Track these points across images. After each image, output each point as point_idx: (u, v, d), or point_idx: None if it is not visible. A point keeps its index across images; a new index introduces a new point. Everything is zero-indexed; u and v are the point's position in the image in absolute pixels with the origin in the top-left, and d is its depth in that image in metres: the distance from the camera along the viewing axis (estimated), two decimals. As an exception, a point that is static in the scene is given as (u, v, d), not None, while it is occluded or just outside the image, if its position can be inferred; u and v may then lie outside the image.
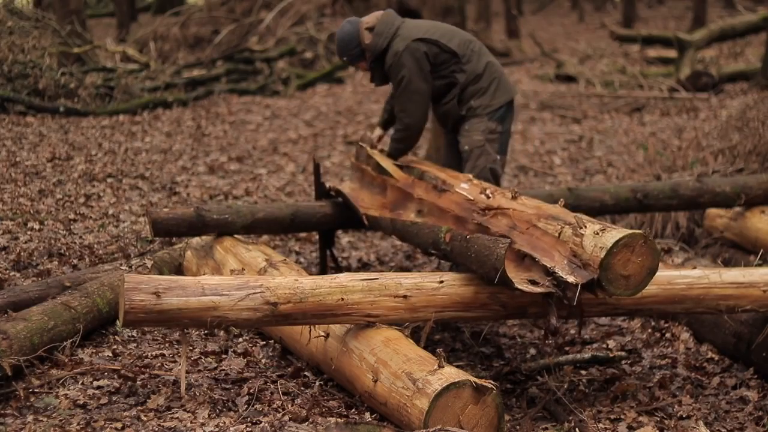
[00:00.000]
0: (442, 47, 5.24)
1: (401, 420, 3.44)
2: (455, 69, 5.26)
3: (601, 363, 4.55)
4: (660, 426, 3.80)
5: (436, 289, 3.87)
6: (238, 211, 5.22)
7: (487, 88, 5.27)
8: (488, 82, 5.28)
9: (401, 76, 5.21)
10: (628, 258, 3.62)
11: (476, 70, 5.27)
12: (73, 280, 4.95)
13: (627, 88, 12.21)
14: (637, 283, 3.66)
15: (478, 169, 5.17)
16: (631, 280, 3.64)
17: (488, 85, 5.28)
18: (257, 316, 3.75)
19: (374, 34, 5.30)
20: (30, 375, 4.00)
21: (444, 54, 5.24)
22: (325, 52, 15.16)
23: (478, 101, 5.27)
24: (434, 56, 5.23)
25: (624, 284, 3.64)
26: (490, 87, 5.28)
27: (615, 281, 3.62)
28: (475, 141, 5.24)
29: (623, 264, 3.62)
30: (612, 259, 3.59)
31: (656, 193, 5.57)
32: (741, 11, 17.31)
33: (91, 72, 12.22)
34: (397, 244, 6.59)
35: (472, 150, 5.24)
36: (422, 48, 5.21)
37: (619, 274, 3.62)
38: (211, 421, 3.64)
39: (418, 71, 5.20)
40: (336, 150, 9.55)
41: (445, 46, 5.24)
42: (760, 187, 5.62)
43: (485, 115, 5.25)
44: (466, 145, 5.27)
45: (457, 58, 5.25)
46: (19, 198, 7.14)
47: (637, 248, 3.62)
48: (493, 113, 5.26)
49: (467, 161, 5.25)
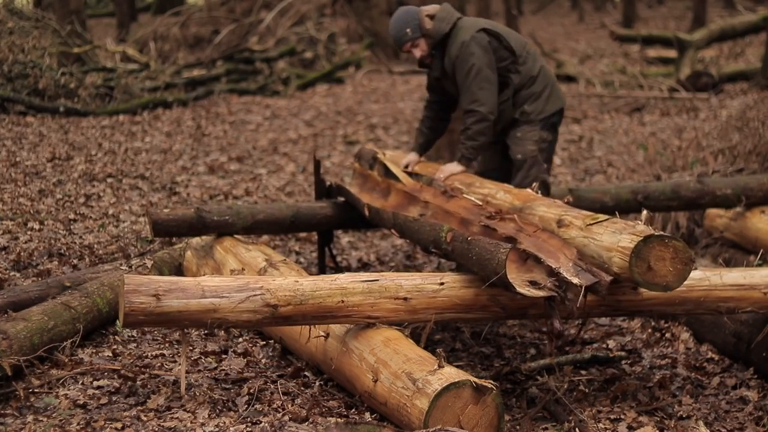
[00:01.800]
0: (502, 42, 5.17)
1: (401, 420, 3.44)
2: (510, 69, 5.19)
3: (601, 363, 4.55)
4: (660, 426, 3.80)
5: (437, 291, 3.86)
6: (238, 212, 5.22)
7: (540, 93, 5.21)
8: (542, 87, 5.22)
9: (470, 65, 5.10)
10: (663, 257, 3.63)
11: (531, 73, 5.20)
12: (73, 280, 4.95)
13: (627, 88, 12.20)
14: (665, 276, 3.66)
15: (530, 179, 5.10)
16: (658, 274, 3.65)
17: (542, 90, 5.22)
18: (257, 318, 3.75)
19: (436, 19, 5.20)
20: (30, 375, 4.00)
21: (503, 50, 5.17)
22: (325, 52, 15.16)
23: (531, 106, 5.21)
24: (494, 50, 5.15)
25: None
26: (544, 92, 5.22)
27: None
28: (528, 151, 5.18)
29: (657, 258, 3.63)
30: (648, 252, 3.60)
31: (657, 194, 5.57)
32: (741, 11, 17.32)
33: (91, 72, 12.22)
34: (398, 244, 6.59)
35: (526, 160, 5.17)
36: (486, 38, 5.14)
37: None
38: (211, 421, 3.64)
39: (487, 59, 5.11)
40: (336, 150, 9.55)
41: (505, 41, 5.18)
42: (760, 188, 5.62)
43: (538, 122, 5.20)
44: (519, 154, 5.20)
45: (514, 58, 5.18)
46: (19, 198, 7.14)
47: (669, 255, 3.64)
48: (546, 120, 5.21)
49: (519, 170, 5.19)
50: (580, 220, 3.97)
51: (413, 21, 5.20)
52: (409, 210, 5.01)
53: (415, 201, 5.05)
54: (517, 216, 4.31)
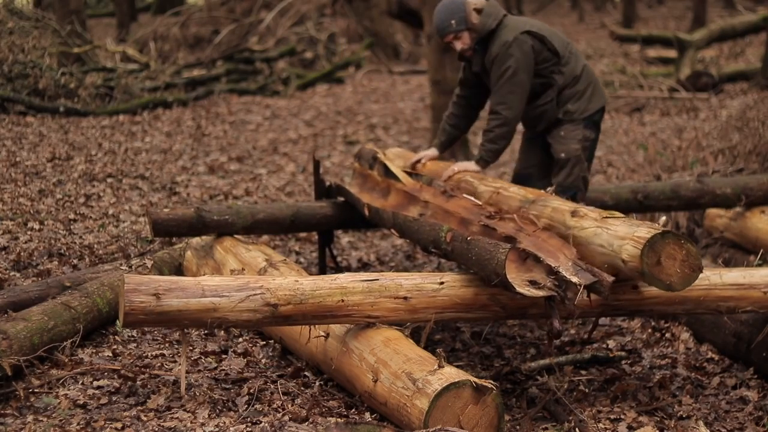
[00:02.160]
0: (546, 44, 5.15)
1: (401, 420, 3.44)
2: (554, 69, 5.17)
3: (601, 363, 4.55)
4: (660, 426, 3.80)
5: (437, 290, 3.87)
6: (238, 212, 5.22)
7: (583, 92, 5.20)
8: (585, 86, 5.20)
9: (507, 66, 5.07)
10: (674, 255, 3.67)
11: (574, 72, 5.19)
12: (73, 280, 4.95)
13: (627, 88, 12.20)
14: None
15: (573, 178, 5.11)
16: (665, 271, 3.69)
17: (585, 89, 5.20)
18: (257, 318, 3.75)
19: (483, 15, 5.16)
20: (30, 375, 4.00)
21: (546, 52, 5.15)
22: (325, 52, 15.17)
23: (575, 105, 5.19)
24: (538, 53, 5.13)
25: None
26: (587, 91, 5.21)
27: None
28: (572, 150, 5.16)
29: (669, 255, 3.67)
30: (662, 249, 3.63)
31: (657, 194, 5.57)
32: (741, 11, 17.32)
33: (91, 72, 12.23)
34: (397, 244, 6.59)
35: (569, 159, 5.15)
36: (529, 41, 5.11)
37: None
38: (211, 421, 3.64)
39: (525, 64, 5.09)
40: (336, 150, 9.55)
41: (549, 43, 5.15)
42: (760, 188, 5.62)
43: (581, 121, 5.18)
44: (562, 153, 5.17)
45: (557, 59, 5.16)
46: (19, 198, 7.14)
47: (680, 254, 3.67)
48: (589, 119, 5.20)
49: (563, 169, 5.16)
50: (596, 213, 4.02)
51: (459, 13, 5.14)
52: (408, 210, 5.01)
53: (415, 201, 5.05)
54: (517, 216, 4.31)
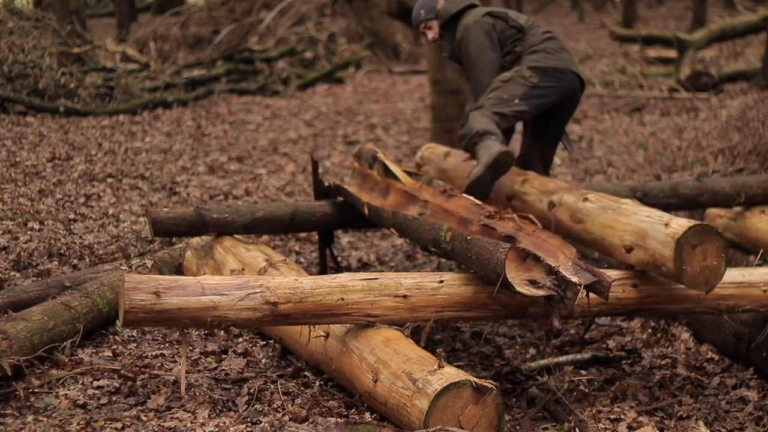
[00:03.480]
0: (509, 22, 5.29)
1: (401, 420, 3.44)
2: (517, 44, 5.29)
3: (601, 363, 4.55)
4: (660, 426, 3.80)
5: (436, 289, 3.87)
6: (237, 211, 5.22)
7: (539, 51, 5.25)
8: (542, 48, 5.26)
9: (470, 50, 5.26)
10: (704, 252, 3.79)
11: (534, 42, 5.27)
12: (73, 280, 4.95)
13: (627, 88, 12.20)
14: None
15: (484, 100, 5.12)
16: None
17: (542, 50, 5.25)
18: (257, 316, 3.75)
19: (446, 0, 5.42)
20: (30, 375, 4.00)
21: (510, 30, 5.29)
22: (325, 52, 15.17)
23: (527, 57, 5.26)
24: (501, 31, 5.28)
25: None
26: (543, 52, 5.24)
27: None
28: (502, 76, 5.20)
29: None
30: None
31: (656, 192, 5.57)
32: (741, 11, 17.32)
33: (91, 72, 12.23)
34: (397, 244, 6.59)
35: (494, 82, 5.20)
36: (490, 21, 5.29)
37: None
38: (211, 421, 3.64)
39: (488, 42, 5.24)
40: (336, 150, 9.55)
41: (513, 20, 5.30)
42: (759, 186, 5.62)
43: (530, 68, 5.20)
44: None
45: (521, 34, 5.29)
46: (19, 198, 7.14)
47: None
48: (536, 68, 5.20)
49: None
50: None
51: (430, 3, 5.45)
52: (408, 209, 5.01)
53: (415, 200, 5.05)
54: (516, 215, 4.32)
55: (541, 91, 5.19)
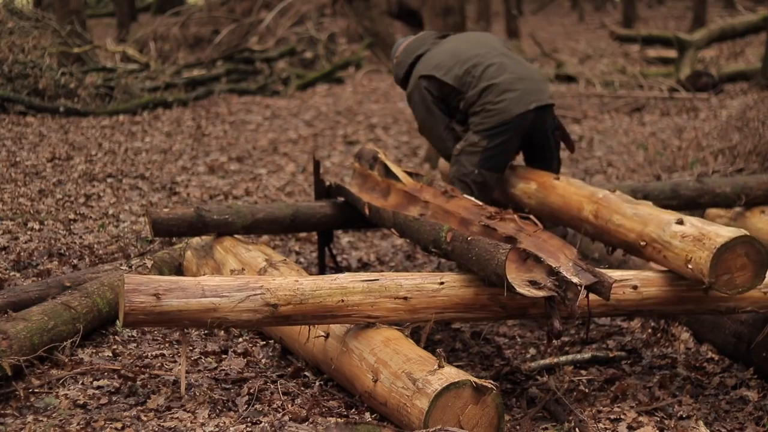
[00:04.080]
0: (441, 81, 5.28)
1: (401, 420, 3.44)
2: (460, 102, 5.30)
3: (601, 363, 4.55)
4: (660, 426, 3.80)
5: (437, 290, 3.87)
6: (238, 211, 5.22)
7: (479, 112, 5.21)
8: (481, 107, 5.20)
9: (416, 115, 5.43)
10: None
11: (472, 99, 5.23)
12: (73, 280, 4.95)
13: (627, 88, 12.20)
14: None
15: (451, 176, 5.32)
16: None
17: (481, 109, 5.20)
18: (257, 318, 3.76)
19: (395, 66, 5.56)
20: (30, 375, 4.00)
21: (446, 87, 5.29)
22: (325, 52, 15.17)
23: (471, 119, 5.27)
24: (438, 89, 5.30)
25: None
26: (483, 111, 5.19)
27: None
28: (455, 149, 5.29)
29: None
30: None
31: (656, 193, 5.57)
32: (741, 11, 17.30)
33: (91, 72, 12.23)
34: (398, 244, 6.59)
35: (453, 155, 5.31)
36: (423, 84, 5.31)
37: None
38: (211, 421, 3.64)
39: (426, 107, 5.33)
40: (336, 150, 9.55)
41: (443, 80, 5.27)
42: (760, 187, 5.63)
43: (476, 132, 5.22)
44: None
45: (456, 91, 5.28)
46: (19, 198, 7.14)
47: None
48: (480, 131, 5.21)
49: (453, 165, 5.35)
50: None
51: (395, 52, 5.61)
52: (409, 209, 5.01)
53: (415, 201, 5.05)
54: (517, 216, 4.32)
55: (496, 149, 5.20)
